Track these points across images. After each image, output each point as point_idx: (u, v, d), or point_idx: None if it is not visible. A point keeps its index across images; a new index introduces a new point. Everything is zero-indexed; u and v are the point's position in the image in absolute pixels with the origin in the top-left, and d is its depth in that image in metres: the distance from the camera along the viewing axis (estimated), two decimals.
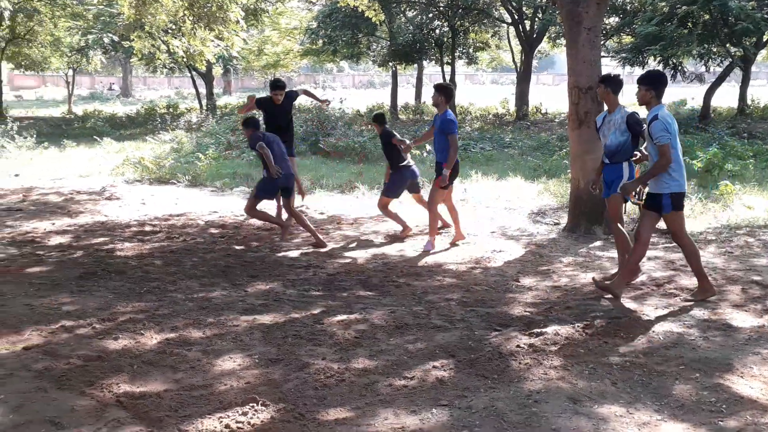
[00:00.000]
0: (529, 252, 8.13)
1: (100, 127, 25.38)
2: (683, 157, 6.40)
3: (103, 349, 5.06)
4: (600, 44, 9.10)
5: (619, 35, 27.70)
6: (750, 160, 13.86)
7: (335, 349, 5.08)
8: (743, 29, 19.73)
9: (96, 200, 11.83)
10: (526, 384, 4.44)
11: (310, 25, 33.09)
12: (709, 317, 5.77)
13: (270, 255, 8.11)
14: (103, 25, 30.35)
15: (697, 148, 14.72)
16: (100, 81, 66.28)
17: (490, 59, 40.89)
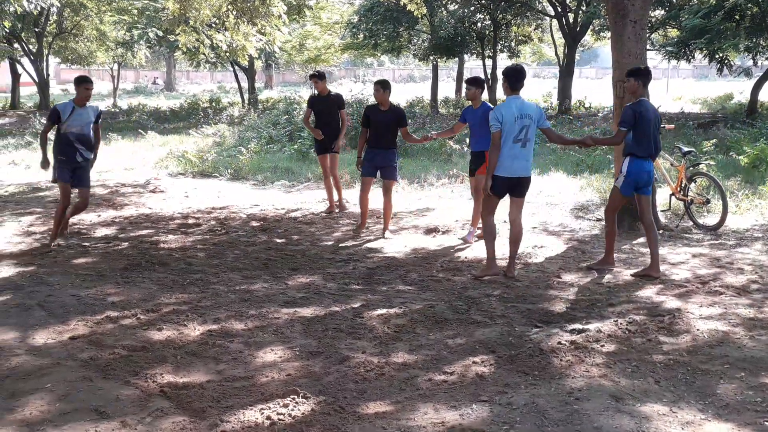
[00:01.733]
0: (571, 248, 8.06)
1: (144, 121, 25.75)
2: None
3: (147, 339, 5.14)
4: (645, 37, 8.95)
5: (664, 28, 27.24)
6: None
7: (375, 343, 5.10)
8: None
9: (140, 193, 12.02)
10: (567, 381, 4.40)
11: (351, 20, 33.15)
12: (755, 315, 5.66)
13: (310, 248, 8.15)
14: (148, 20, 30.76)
15: (744, 143, 14.41)
16: (144, 75, 67.22)
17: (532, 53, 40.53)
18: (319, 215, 10.09)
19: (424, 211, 10.31)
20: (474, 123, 8.24)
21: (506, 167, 6.76)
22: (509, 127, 6.68)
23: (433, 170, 13.43)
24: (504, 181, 6.80)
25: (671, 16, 24.83)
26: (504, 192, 6.95)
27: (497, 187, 6.84)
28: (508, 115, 6.68)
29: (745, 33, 20.92)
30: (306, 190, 12.24)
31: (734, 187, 10.82)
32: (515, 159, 6.75)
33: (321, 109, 10.06)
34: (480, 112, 8.15)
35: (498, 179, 6.79)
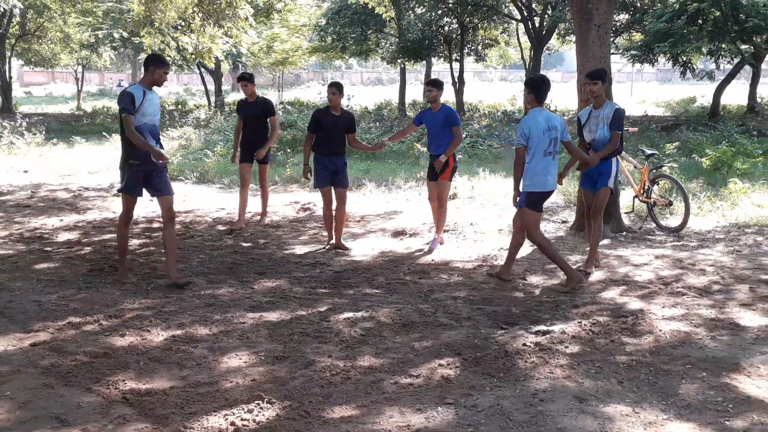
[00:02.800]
0: (536, 250, 8.10)
1: (108, 124, 25.44)
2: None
3: (110, 345, 5.07)
4: (610, 41, 9.06)
5: (629, 32, 27.60)
6: (759, 158, 13.78)
7: (341, 347, 5.09)
8: (754, 26, 19.62)
9: (104, 197, 11.87)
10: (532, 383, 4.43)
11: (319, 22, 33.09)
12: (716, 316, 5.75)
13: (277, 252, 8.11)
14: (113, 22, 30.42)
15: (706, 146, 14.65)
16: (109, 77, 66.42)
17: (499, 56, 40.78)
18: (285, 219, 10.05)
19: (391, 214, 10.32)
20: (434, 126, 8.14)
21: (542, 182, 6.57)
22: (538, 140, 6.47)
23: (401, 173, 13.45)
24: (542, 196, 6.64)
25: (635, 20, 25.16)
26: (542, 206, 6.77)
27: (537, 204, 6.63)
28: (536, 128, 6.47)
29: (707, 37, 21.25)
30: (273, 193, 12.17)
31: (696, 189, 10.98)
32: (548, 173, 6.58)
33: (248, 114, 9.32)
34: (441, 116, 8.11)
35: (535, 195, 6.58)
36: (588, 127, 7.25)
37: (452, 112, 8.19)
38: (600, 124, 7.17)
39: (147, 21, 15.23)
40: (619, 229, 8.89)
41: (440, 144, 8.13)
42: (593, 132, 7.19)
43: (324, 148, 8.17)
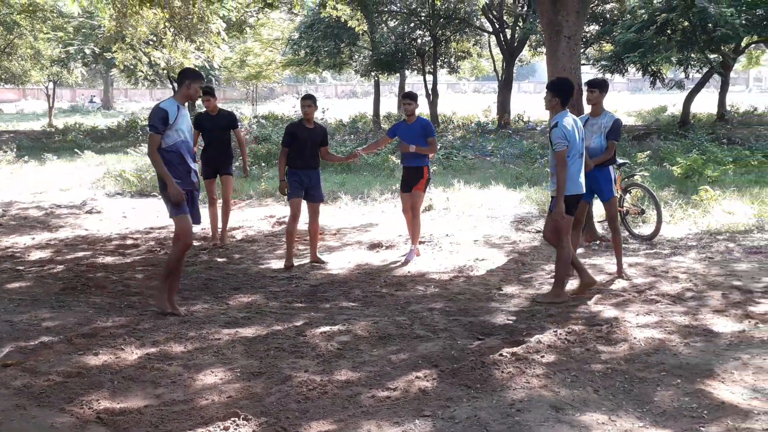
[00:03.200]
0: (511, 260, 8.15)
1: (80, 141, 25.23)
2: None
3: (83, 365, 5.00)
4: (579, 52, 9.16)
5: (599, 43, 27.92)
6: (729, 165, 13.97)
7: (318, 361, 5.06)
8: (722, 36, 19.94)
9: (77, 214, 11.75)
10: (508, 393, 4.44)
11: (292, 36, 33.12)
12: (690, 323, 5.80)
13: (252, 267, 8.08)
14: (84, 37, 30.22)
15: (677, 154, 14.83)
16: (81, 94, 65.87)
17: (471, 68, 41.05)
18: (260, 233, 10.01)
19: (367, 226, 10.32)
20: (411, 138, 8.15)
21: (578, 184, 6.53)
22: (574, 143, 6.40)
23: (376, 185, 13.46)
24: (577, 199, 6.59)
25: (605, 31, 25.47)
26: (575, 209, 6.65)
27: (571, 206, 6.53)
28: (572, 131, 6.38)
29: (676, 47, 21.56)
30: (247, 207, 12.13)
31: (668, 198, 11.11)
32: (581, 175, 6.54)
33: (211, 128, 9.07)
34: (418, 127, 8.15)
35: (571, 198, 6.48)
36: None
37: (428, 123, 8.27)
38: (597, 132, 7.21)
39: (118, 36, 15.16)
40: (593, 238, 8.96)
41: (416, 156, 8.17)
42: (587, 139, 7.13)
43: (298, 161, 8.04)
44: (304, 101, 8.06)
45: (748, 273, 7.30)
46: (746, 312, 6.05)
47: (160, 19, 13.25)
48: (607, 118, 7.30)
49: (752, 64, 41.18)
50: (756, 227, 9.17)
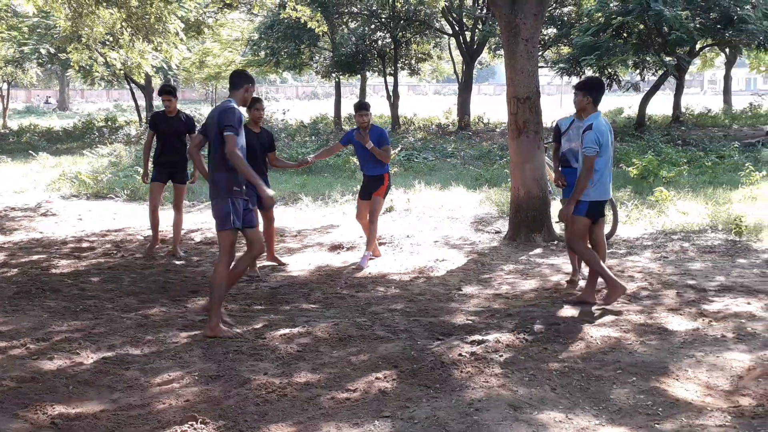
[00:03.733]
0: (471, 261, 8.20)
1: (35, 142, 24.75)
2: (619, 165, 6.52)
3: (38, 369, 4.91)
4: (537, 55, 9.26)
5: (557, 46, 28.24)
6: (684, 166, 14.24)
7: (277, 364, 5.04)
8: (677, 39, 20.30)
9: (31, 217, 11.54)
10: (467, 392, 4.46)
11: (252, 37, 32.90)
12: (645, 321, 5.89)
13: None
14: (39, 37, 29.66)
15: (633, 156, 15.07)
16: (36, 94, 64.71)
17: (432, 70, 41.22)
18: None
19: (328, 228, 10.30)
20: (365, 148, 8.06)
21: (607, 190, 6.36)
22: (606, 147, 6.20)
23: (338, 187, 13.44)
24: (602, 204, 6.43)
25: (563, 34, 25.77)
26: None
27: (596, 212, 6.34)
28: (606, 135, 6.20)
29: (632, 49, 21.90)
30: (207, 209, 12.01)
31: (624, 198, 11.28)
32: (610, 180, 6.38)
33: (168, 130, 8.51)
34: (373, 136, 8.06)
35: (597, 204, 6.32)
36: (567, 136, 7.16)
37: (383, 131, 8.24)
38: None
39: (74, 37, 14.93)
40: (551, 238, 9.05)
41: (374, 164, 8.12)
42: (572, 141, 7.07)
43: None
44: (257, 104, 7.62)
45: (702, 272, 7.44)
46: (700, 310, 6.17)
47: (117, 19, 13.05)
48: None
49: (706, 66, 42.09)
50: (710, 227, 9.35)
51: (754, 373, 4.75)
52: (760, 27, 20.27)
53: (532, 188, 8.97)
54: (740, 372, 4.77)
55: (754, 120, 27.33)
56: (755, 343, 5.34)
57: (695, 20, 20.11)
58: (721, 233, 9.07)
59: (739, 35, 21.01)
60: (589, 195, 6.25)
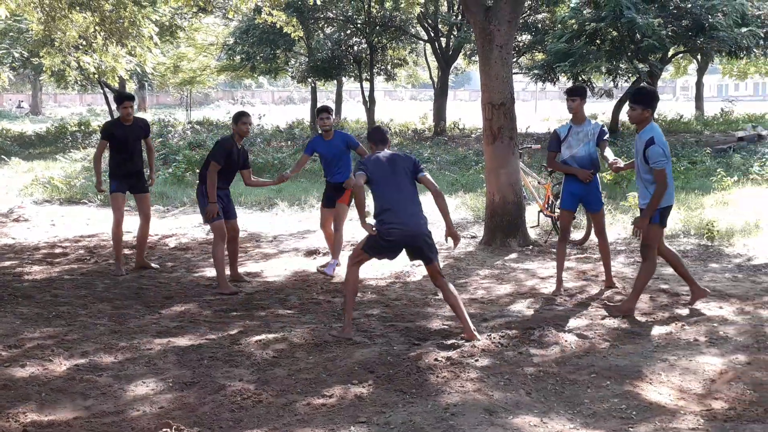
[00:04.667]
0: (447, 265, 8.22)
1: (7, 147, 24.44)
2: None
3: (9, 377, 4.85)
4: (511, 61, 9.33)
5: (531, 52, 28.44)
6: None
7: (252, 370, 5.02)
8: (649, 46, 20.53)
9: (3, 222, 11.39)
10: (443, 397, 4.48)
11: (227, 41, 32.78)
12: (618, 325, 5.95)
13: (186, 275, 7.96)
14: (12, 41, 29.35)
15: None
16: (8, 98, 63.90)
17: (408, 75, 41.32)
18: (195, 241, 9.87)
19: (304, 233, 10.28)
20: (331, 154, 7.96)
21: (672, 195, 6.27)
22: (669, 157, 6.17)
23: (314, 192, 13.41)
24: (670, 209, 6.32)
25: (537, 41, 25.95)
26: None
27: (665, 217, 6.28)
28: (666, 144, 6.12)
29: (606, 56, 22.11)
30: (181, 215, 11.95)
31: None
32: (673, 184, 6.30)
33: (128, 138, 8.09)
34: (339, 142, 7.95)
35: (667, 210, 6.24)
36: (567, 143, 7.11)
37: (349, 135, 8.16)
38: (583, 140, 7.03)
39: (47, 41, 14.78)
40: (526, 243, 9.11)
41: (341, 170, 7.98)
42: (572, 148, 7.06)
43: (224, 183, 7.45)
44: (246, 118, 7.51)
45: (674, 277, 7.49)
46: (673, 315, 6.24)
47: (90, 23, 12.95)
48: (592, 125, 7.15)
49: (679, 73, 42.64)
50: (682, 232, 9.45)
51: (726, 377, 4.81)
52: (731, 34, 20.55)
53: (507, 193, 9.03)
54: (713, 375, 4.84)
55: (726, 126, 27.70)
56: (727, 346, 5.41)
57: (667, 27, 20.34)
58: (694, 238, 9.18)
59: (711, 42, 21.28)
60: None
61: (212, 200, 7.20)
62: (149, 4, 14.66)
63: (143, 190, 8.32)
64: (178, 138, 22.61)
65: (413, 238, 5.63)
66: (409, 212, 5.65)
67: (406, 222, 5.60)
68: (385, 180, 5.72)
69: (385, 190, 5.71)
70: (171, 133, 24.21)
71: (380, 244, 5.69)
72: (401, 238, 5.63)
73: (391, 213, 5.62)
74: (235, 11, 16.13)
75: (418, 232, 5.62)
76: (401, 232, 5.60)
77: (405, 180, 5.76)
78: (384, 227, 5.63)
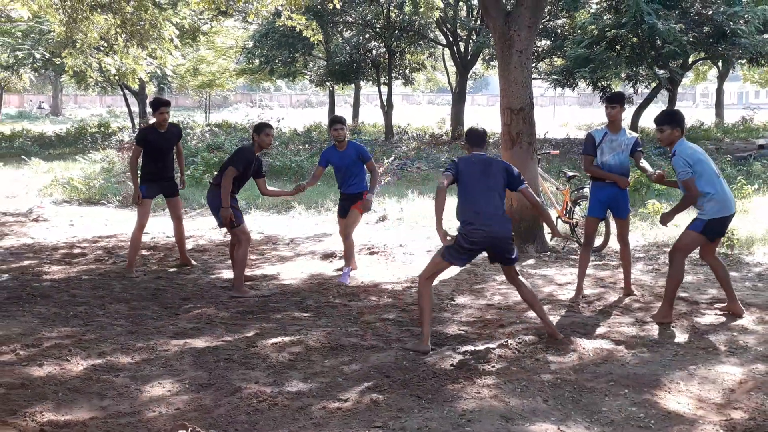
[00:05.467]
0: (464, 271, 8.17)
1: (28, 147, 24.69)
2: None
3: (27, 376, 4.88)
4: (531, 66, 9.29)
5: (550, 58, 28.35)
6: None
7: (268, 373, 5.02)
8: (670, 52, 20.40)
9: (23, 222, 11.48)
10: (459, 403, 4.45)
11: (247, 45, 32.93)
12: (637, 333, 5.90)
13: (203, 277, 7.98)
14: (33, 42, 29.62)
15: None
16: (29, 99, 64.53)
17: (426, 80, 41.33)
18: (212, 243, 9.90)
19: (320, 236, 10.28)
20: (345, 165, 7.89)
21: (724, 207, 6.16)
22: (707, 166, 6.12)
23: (330, 195, 13.41)
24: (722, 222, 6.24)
25: (556, 46, 25.87)
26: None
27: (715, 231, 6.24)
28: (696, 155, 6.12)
29: (625, 62, 21.99)
30: (199, 216, 11.99)
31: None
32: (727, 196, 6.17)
33: (160, 144, 8.20)
34: (353, 153, 7.88)
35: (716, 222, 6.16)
36: (600, 149, 7.04)
37: (362, 147, 8.06)
38: (617, 149, 6.97)
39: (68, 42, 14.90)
40: (543, 249, 9.07)
41: (355, 181, 7.94)
42: (605, 155, 7.00)
43: (235, 189, 7.49)
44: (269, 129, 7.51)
45: (693, 285, 7.45)
46: (692, 323, 6.18)
47: (112, 24, 13.04)
48: (627, 136, 7.07)
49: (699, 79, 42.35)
50: None
51: (745, 386, 4.76)
52: (753, 41, 20.39)
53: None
54: (732, 385, 4.78)
55: (746, 134, 27.48)
56: (747, 356, 5.35)
57: (688, 34, 20.21)
58: None
59: (732, 49, 21.13)
60: (705, 213, 6.13)
61: (225, 205, 7.20)
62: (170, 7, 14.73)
63: (174, 194, 8.44)
64: (196, 140, 22.71)
65: (497, 241, 5.57)
66: (494, 213, 5.57)
67: (490, 224, 5.53)
68: (473, 182, 5.64)
69: (471, 192, 5.62)
70: (190, 135, 24.32)
71: (462, 247, 5.57)
72: (484, 240, 5.55)
73: (476, 215, 5.55)
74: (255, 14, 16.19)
75: (502, 235, 5.56)
76: (484, 234, 5.51)
77: (495, 185, 5.66)
78: (468, 228, 5.54)
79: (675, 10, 20.98)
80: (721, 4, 21.07)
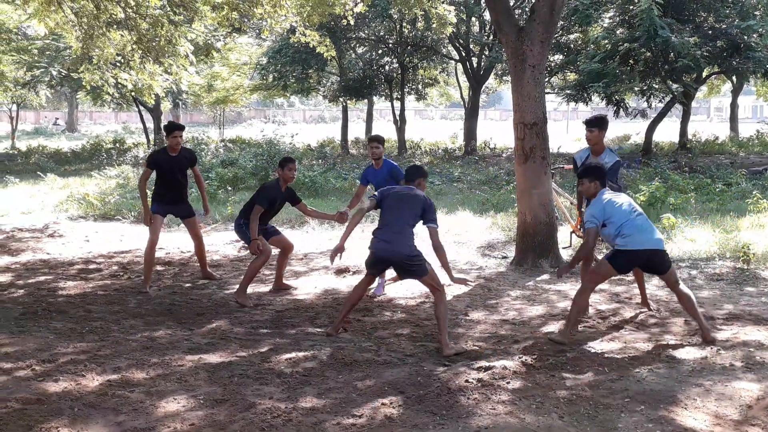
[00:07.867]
0: (478, 286, 8.17)
1: (44, 163, 24.89)
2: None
3: (43, 391, 4.90)
4: (544, 81, 9.30)
5: (563, 72, 28.35)
6: (691, 193, 14.20)
7: (282, 388, 5.02)
8: (683, 66, 20.37)
9: (38, 238, 11.56)
10: (474, 419, 4.43)
11: (260, 61, 33.14)
12: (653, 349, 5.86)
13: (217, 292, 8.00)
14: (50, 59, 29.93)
15: (640, 182, 15.05)
16: (45, 116, 65.16)
17: (439, 95, 41.39)
18: (226, 258, 9.93)
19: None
20: (378, 182, 7.97)
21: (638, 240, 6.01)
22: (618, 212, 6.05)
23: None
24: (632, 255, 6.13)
25: (569, 61, 25.87)
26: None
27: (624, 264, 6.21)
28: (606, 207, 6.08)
29: (639, 77, 21.96)
30: (213, 232, 12.04)
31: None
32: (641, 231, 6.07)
33: (171, 167, 8.25)
34: (386, 172, 8.02)
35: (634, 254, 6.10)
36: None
37: (395, 166, 8.17)
38: None
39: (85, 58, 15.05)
40: (558, 264, 9.02)
41: None
42: None
43: (264, 222, 7.71)
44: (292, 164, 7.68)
45: (710, 300, 7.40)
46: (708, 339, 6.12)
47: (128, 41, 13.17)
48: (609, 157, 7.07)
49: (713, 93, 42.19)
50: (718, 255, 9.31)
51: (763, 403, 4.71)
52: (767, 55, 20.33)
53: (539, 214, 8.97)
54: (749, 401, 4.74)
55: (761, 148, 27.33)
56: (764, 372, 5.30)
57: (702, 48, 20.16)
58: (729, 261, 9.03)
59: (746, 63, 21.07)
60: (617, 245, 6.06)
61: (254, 237, 7.39)
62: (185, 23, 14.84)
63: (189, 215, 8.56)
64: (211, 156, 22.85)
65: (393, 255, 6.12)
66: (397, 232, 6.11)
67: (390, 240, 6.10)
68: (391, 206, 6.26)
69: (387, 213, 6.25)
70: (204, 150, 24.48)
71: (369, 259, 6.26)
72: (382, 253, 6.14)
73: (381, 230, 6.19)
74: (269, 31, 16.30)
75: (399, 252, 6.08)
76: (382, 248, 6.12)
77: (408, 214, 6.22)
78: (372, 241, 6.23)
79: (689, 24, 20.96)
80: (734, 17, 21.05)
